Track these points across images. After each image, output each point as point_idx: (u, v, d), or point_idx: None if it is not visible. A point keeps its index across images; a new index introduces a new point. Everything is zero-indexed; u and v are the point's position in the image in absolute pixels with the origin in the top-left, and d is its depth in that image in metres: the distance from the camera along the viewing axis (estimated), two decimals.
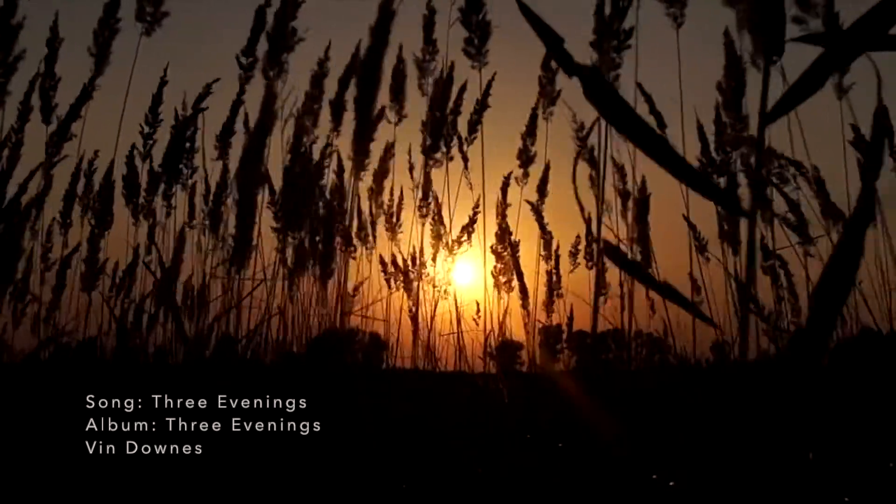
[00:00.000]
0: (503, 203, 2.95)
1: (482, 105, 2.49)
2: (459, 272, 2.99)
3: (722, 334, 2.15)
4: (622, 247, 2.23)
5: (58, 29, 2.28)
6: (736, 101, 2.03)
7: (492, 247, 3.07)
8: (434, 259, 2.76)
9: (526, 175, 2.82)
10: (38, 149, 2.22)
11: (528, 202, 3.03)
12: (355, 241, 2.76)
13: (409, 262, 2.73)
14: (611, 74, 1.96)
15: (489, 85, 2.45)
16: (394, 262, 3.04)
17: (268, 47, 2.13)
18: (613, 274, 2.70)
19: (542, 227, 3.11)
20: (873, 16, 0.45)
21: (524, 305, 3.08)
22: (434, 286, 2.75)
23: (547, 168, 2.88)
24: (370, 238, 2.92)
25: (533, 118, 2.74)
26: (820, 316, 0.45)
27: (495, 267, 3.06)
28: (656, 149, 0.50)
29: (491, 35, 2.26)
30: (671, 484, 1.22)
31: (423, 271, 2.68)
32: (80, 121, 2.22)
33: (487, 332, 2.74)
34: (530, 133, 2.76)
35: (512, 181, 2.90)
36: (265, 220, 2.24)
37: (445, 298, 2.82)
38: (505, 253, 3.03)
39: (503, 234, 3.01)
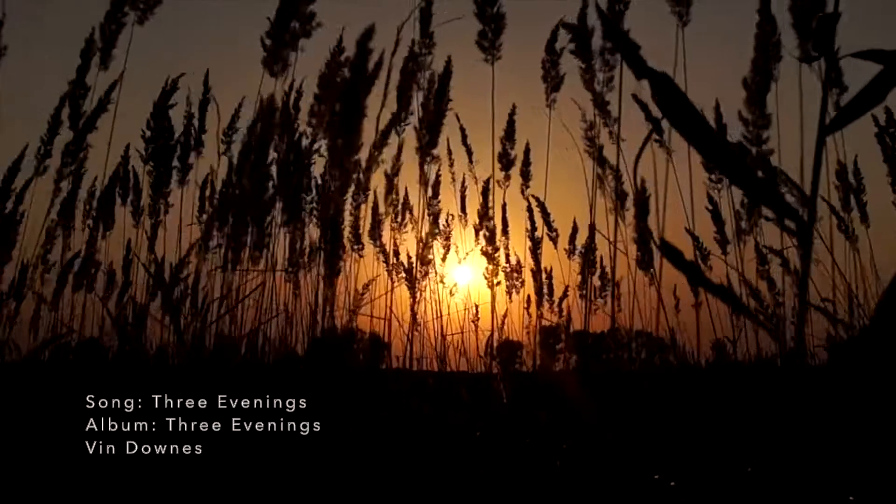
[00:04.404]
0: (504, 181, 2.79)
1: (442, 90, 2.34)
2: (463, 272, 2.99)
3: (778, 346, 2.12)
4: (620, 247, 2.23)
5: (94, 39, 2.22)
6: (761, 97, 1.94)
7: (484, 225, 3.01)
8: (444, 259, 2.76)
9: (507, 178, 2.73)
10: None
11: (535, 197, 2.97)
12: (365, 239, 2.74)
13: (415, 258, 2.73)
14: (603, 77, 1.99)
15: (449, 63, 2.31)
16: (396, 253, 3.02)
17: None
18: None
19: (548, 223, 3.06)
20: None
21: (545, 304, 3.09)
22: (443, 283, 2.75)
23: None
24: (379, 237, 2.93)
25: (511, 123, 2.69)
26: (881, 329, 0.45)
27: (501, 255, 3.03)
28: (722, 157, 0.50)
29: (505, 28, 2.22)
30: (672, 484, 1.22)
31: (427, 269, 2.67)
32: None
33: (487, 331, 2.74)
34: (509, 137, 2.68)
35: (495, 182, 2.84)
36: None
37: (452, 294, 2.83)
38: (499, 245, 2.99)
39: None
